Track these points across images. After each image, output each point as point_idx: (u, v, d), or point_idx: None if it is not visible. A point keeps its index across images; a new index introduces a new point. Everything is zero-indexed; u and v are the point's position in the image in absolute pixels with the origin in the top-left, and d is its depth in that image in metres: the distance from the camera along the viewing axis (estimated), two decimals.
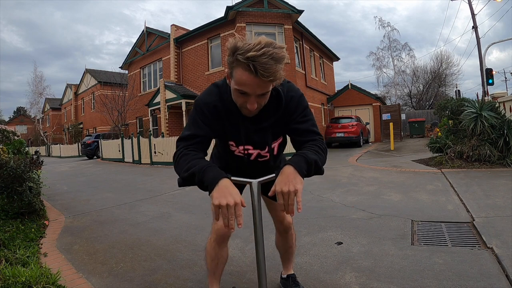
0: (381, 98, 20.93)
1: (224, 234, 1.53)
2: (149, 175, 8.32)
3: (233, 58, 1.08)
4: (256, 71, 1.03)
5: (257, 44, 1.04)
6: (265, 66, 1.02)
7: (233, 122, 1.31)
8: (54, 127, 33.00)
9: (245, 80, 1.07)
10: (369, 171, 6.46)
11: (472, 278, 1.92)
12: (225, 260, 1.65)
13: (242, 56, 1.03)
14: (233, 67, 1.10)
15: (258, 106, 1.18)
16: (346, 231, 2.94)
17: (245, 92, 1.11)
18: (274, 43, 1.06)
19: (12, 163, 3.44)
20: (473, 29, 15.11)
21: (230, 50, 1.08)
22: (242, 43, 1.06)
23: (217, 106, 1.28)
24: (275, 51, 1.04)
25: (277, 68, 1.04)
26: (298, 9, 12.85)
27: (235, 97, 1.20)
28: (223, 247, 1.59)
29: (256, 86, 1.09)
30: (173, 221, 3.67)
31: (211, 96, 1.29)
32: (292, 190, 1.05)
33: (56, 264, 2.47)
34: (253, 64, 1.02)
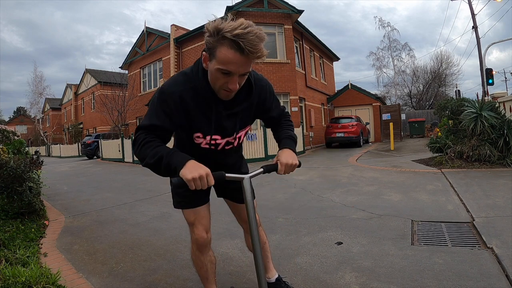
0: (381, 98, 20.93)
1: (203, 242, 1.52)
2: (149, 175, 8.32)
3: (216, 38, 1.08)
4: (243, 48, 1.05)
5: (241, 24, 1.06)
6: (252, 43, 1.05)
7: (203, 109, 1.29)
8: (54, 127, 33.01)
9: (231, 58, 1.08)
10: (369, 171, 6.46)
11: (472, 278, 1.92)
12: (213, 265, 1.64)
13: (230, 34, 1.04)
14: (215, 46, 1.10)
15: (238, 87, 1.19)
16: (346, 231, 2.94)
17: (229, 71, 1.12)
18: (253, 24, 1.09)
19: (12, 163, 3.44)
20: (473, 29, 15.11)
21: (212, 30, 1.08)
22: (224, 23, 1.07)
23: (182, 96, 1.25)
24: (258, 30, 1.07)
25: (262, 46, 1.08)
26: (298, 9, 12.84)
27: (214, 79, 1.19)
28: (206, 253, 1.57)
29: (241, 64, 1.10)
30: (173, 221, 3.67)
31: (176, 86, 1.26)
32: (295, 163, 1.36)
33: (56, 264, 2.47)
34: (242, 41, 1.04)
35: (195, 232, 1.51)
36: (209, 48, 1.13)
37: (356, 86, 18.13)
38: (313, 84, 16.00)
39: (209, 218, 1.57)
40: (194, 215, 1.52)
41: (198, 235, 1.51)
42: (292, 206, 4.01)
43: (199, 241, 1.52)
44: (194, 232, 1.52)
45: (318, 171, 6.90)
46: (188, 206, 1.51)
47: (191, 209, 1.51)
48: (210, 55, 1.15)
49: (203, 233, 1.51)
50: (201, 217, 1.52)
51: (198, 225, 1.51)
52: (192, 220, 1.52)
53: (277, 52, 12.93)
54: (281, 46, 12.98)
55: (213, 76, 1.18)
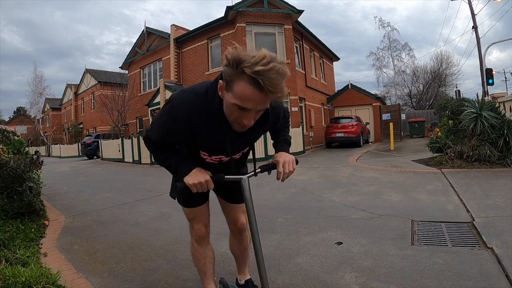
0: (381, 98, 20.92)
1: (202, 234, 1.62)
2: (149, 175, 8.32)
3: (236, 71, 1.01)
4: (263, 86, 0.99)
5: (263, 58, 0.99)
6: (274, 82, 0.99)
7: (213, 134, 1.25)
8: (54, 127, 32.99)
9: (249, 95, 1.02)
10: (369, 171, 6.46)
11: (472, 278, 1.92)
12: (212, 259, 1.70)
13: (249, 70, 0.98)
14: (233, 79, 1.04)
15: (253, 122, 1.15)
16: (346, 231, 2.94)
17: (245, 107, 1.06)
18: (277, 57, 1.03)
19: (12, 163, 3.44)
20: (473, 29, 15.11)
21: (231, 61, 1.02)
22: (245, 55, 1.00)
23: (193, 117, 1.20)
24: (281, 66, 1.01)
25: (283, 84, 1.02)
26: (298, 9, 12.84)
27: (229, 111, 1.14)
28: (205, 245, 1.66)
29: (259, 102, 1.05)
30: (173, 221, 3.67)
31: (189, 104, 1.20)
32: (292, 160, 1.38)
33: (56, 264, 2.47)
34: (261, 79, 0.98)
35: (194, 226, 1.63)
36: (226, 79, 1.07)
37: (356, 86, 18.13)
38: (313, 84, 16.00)
39: (208, 215, 1.66)
40: (194, 213, 1.61)
41: (196, 228, 1.61)
42: (292, 206, 4.01)
43: (198, 233, 1.61)
44: (193, 226, 1.62)
45: (318, 171, 6.90)
46: (190, 206, 1.60)
47: (190, 208, 1.61)
48: (227, 86, 1.08)
49: (202, 226, 1.61)
50: (200, 214, 1.61)
51: (197, 220, 1.61)
52: (192, 217, 1.62)
53: (277, 52, 12.91)
54: (281, 46, 12.98)
55: (228, 108, 1.13)
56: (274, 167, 1.40)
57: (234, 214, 1.70)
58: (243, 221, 1.71)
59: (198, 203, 1.59)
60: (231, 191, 1.65)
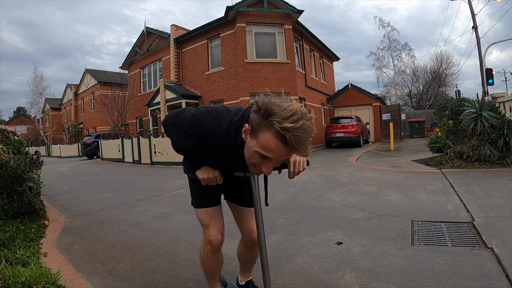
0: (381, 98, 20.92)
1: (218, 244, 1.56)
2: (149, 175, 8.32)
3: (265, 121, 1.03)
4: (289, 142, 1.00)
5: (294, 114, 1.01)
6: (300, 140, 1.01)
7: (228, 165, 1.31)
8: (54, 127, 32.99)
9: (274, 147, 1.04)
10: (369, 171, 6.46)
11: (472, 278, 1.92)
12: (221, 264, 1.70)
13: (279, 125, 0.99)
14: (260, 129, 1.05)
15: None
16: (346, 231, 2.94)
17: (267, 156, 1.08)
18: (306, 113, 1.04)
19: (12, 163, 3.44)
20: (473, 29, 15.11)
21: (262, 111, 1.03)
22: (277, 108, 1.01)
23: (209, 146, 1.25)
24: (309, 124, 1.03)
25: (308, 142, 1.04)
26: (298, 9, 12.84)
27: (249, 156, 1.14)
28: (218, 254, 1.62)
29: (282, 154, 1.06)
30: (173, 221, 3.67)
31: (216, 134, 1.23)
32: (303, 160, 1.36)
33: (56, 264, 2.47)
34: (288, 135, 0.99)
35: (210, 233, 1.54)
36: (253, 126, 1.08)
37: (356, 86, 18.12)
38: (313, 84, 16.00)
39: (222, 220, 1.61)
40: (209, 217, 1.55)
41: (213, 237, 1.54)
42: (292, 206, 4.01)
43: (214, 243, 1.54)
44: (209, 234, 1.55)
45: (318, 171, 6.90)
46: (203, 205, 1.57)
47: (206, 209, 1.56)
48: (252, 133, 1.09)
49: (218, 235, 1.55)
50: (216, 219, 1.56)
51: (213, 227, 1.55)
52: (207, 222, 1.56)
53: (277, 52, 12.93)
54: (281, 46, 12.98)
55: (250, 153, 1.13)
56: (284, 166, 1.39)
57: (248, 223, 1.64)
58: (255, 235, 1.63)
59: (213, 202, 1.57)
60: (242, 194, 1.59)
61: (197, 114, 1.29)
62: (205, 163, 1.41)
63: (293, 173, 1.35)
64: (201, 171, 1.38)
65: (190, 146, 1.31)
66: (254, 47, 12.76)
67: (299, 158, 1.38)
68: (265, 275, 1.29)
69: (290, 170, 1.36)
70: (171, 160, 10.53)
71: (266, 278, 1.30)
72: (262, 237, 1.30)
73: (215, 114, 1.27)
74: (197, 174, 1.37)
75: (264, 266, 1.29)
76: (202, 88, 14.40)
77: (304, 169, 1.38)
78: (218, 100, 13.56)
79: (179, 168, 9.75)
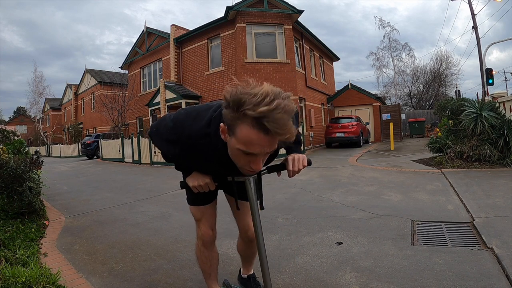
0: (381, 98, 20.91)
1: (209, 238, 1.59)
2: (149, 175, 8.32)
3: (237, 114, 0.92)
4: (269, 129, 0.89)
5: (266, 97, 0.89)
6: (280, 123, 0.89)
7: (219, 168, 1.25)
8: (54, 127, 32.99)
9: (254, 139, 0.93)
10: (369, 171, 6.46)
11: (472, 278, 1.92)
12: (217, 261, 1.71)
13: (252, 112, 0.88)
14: (235, 123, 0.94)
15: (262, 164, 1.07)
16: (346, 231, 2.94)
17: (252, 152, 0.97)
18: (281, 92, 0.93)
19: (12, 163, 3.44)
20: (473, 29, 15.10)
21: (231, 103, 0.92)
22: (246, 95, 0.90)
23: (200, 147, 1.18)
24: (286, 102, 0.91)
25: (291, 124, 0.92)
26: (298, 9, 12.84)
27: (234, 157, 1.05)
28: (211, 249, 1.64)
29: (266, 145, 0.95)
30: (173, 221, 3.67)
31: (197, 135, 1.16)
32: (302, 157, 1.34)
33: (56, 264, 2.47)
34: (266, 121, 0.88)
35: (201, 228, 1.58)
36: (228, 123, 0.97)
37: (356, 86, 18.12)
38: (313, 84, 16.00)
39: (215, 216, 1.63)
40: (201, 213, 1.58)
41: (203, 231, 1.58)
42: (292, 206, 4.00)
43: (205, 237, 1.59)
44: (200, 228, 1.59)
45: (318, 171, 6.90)
46: (196, 204, 1.57)
47: (198, 207, 1.57)
48: (229, 130, 0.99)
49: (209, 230, 1.58)
50: (207, 214, 1.58)
51: (204, 222, 1.58)
52: (199, 217, 1.59)
53: (277, 52, 12.93)
54: (281, 46, 12.98)
55: (234, 153, 1.04)
56: (283, 167, 1.34)
57: (244, 219, 1.62)
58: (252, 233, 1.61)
59: (205, 201, 1.56)
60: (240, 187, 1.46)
61: (176, 118, 1.23)
62: (195, 169, 1.34)
63: (293, 171, 1.30)
64: (191, 178, 1.33)
65: (176, 153, 1.25)
66: (254, 47, 12.76)
67: (298, 156, 1.34)
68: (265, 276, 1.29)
69: (289, 169, 1.31)
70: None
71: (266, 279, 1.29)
72: (260, 239, 1.29)
73: (194, 115, 1.20)
74: (187, 181, 1.33)
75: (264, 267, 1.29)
76: (202, 88, 14.40)
77: (304, 167, 1.34)
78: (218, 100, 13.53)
79: None
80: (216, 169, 1.28)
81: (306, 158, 1.36)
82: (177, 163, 1.44)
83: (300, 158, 1.33)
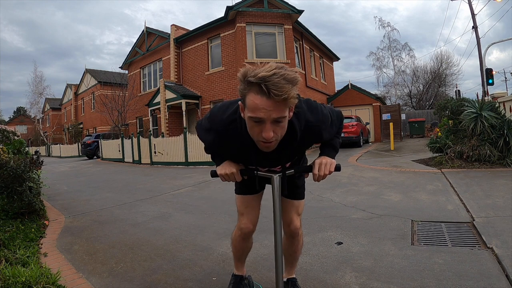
0: (381, 98, 20.92)
1: (248, 232, 1.64)
2: (149, 175, 8.32)
3: (244, 84, 1.07)
4: (268, 91, 1.01)
5: (268, 67, 1.04)
6: (277, 85, 1.01)
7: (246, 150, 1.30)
8: (54, 127, 33.00)
9: (258, 103, 1.05)
10: (369, 171, 6.46)
11: (472, 278, 1.92)
12: (249, 250, 1.80)
13: (253, 78, 1.03)
14: (245, 94, 1.09)
15: (275, 136, 1.13)
16: (346, 231, 2.94)
17: (260, 118, 1.08)
18: (284, 66, 1.06)
19: (12, 163, 3.44)
20: (473, 29, 15.10)
21: (240, 77, 1.08)
22: (251, 69, 1.07)
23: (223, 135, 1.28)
24: (287, 72, 1.04)
25: (289, 88, 1.03)
26: (298, 9, 12.85)
27: (250, 130, 1.17)
28: (247, 240, 1.70)
29: (270, 109, 1.05)
30: (173, 221, 3.67)
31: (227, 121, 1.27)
32: (330, 162, 1.35)
33: (56, 264, 2.47)
34: (265, 84, 1.01)
35: (242, 221, 1.63)
36: (242, 97, 1.13)
37: (356, 86, 18.13)
38: (313, 84, 16.00)
39: (258, 211, 1.67)
40: (244, 205, 1.64)
41: (244, 225, 1.62)
42: None
43: (244, 231, 1.63)
44: (241, 221, 1.64)
45: None
46: (241, 192, 1.64)
47: (243, 196, 1.64)
48: (243, 104, 1.13)
49: (249, 224, 1.62)
50: (250, 208, 1.63)
51: (246, 216, 1.63)
52: (242, 210, 1.65)
53: (277, 52, 12.93)
54: (281, 46, 12.98)
55: (249, 126, 1.16)
56: (309, 169, 1.38)
57: (288, 214, 1.65)
58: (297, 225, 1.65)
59: (250, 191, 1.61)
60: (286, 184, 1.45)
61: (212, 110, 1.37)
62: (227, 158, 1.43)
63: (318, 175, 1.33)
64: (220, 166, 1.40)
65: (210, 141, 1.35)
66: (254, 47, 12.76)
67: (326, 160, 1.35)
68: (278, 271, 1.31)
69: (315, 173, 1.34)
70: (171, 160, 10.53)
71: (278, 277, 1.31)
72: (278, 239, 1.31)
73: (227, 105, 1.32)
74: (217, 169, 1.40)
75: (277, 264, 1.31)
76: (202, 88, 14.40)
77: (331, 172, 1.34)
78: (218, 100, 13.56)
79: (179, 168, 9.77)
80: (245, 156, 1.35)
81: (335, 164, 1.36)
82: (212, 153, 1.49)
83: (328, 162, 1.35)
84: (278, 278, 1.30)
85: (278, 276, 1.30)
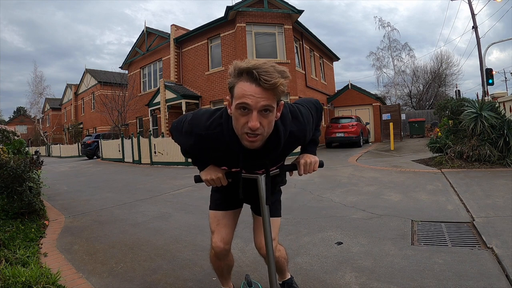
0: (381, 98, 20.92)
1: (219, 251, 1.56)
2: (149, 175, 8.32)
3: (234, 75, 1.10)
4: (259, 76, 1.04)
5: (260, 60, 1.10)
6: (268, 72, 1.04)
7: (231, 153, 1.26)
8: (54, 127, 32.99)
9: (247, 90, 1.06)
10: (369, 171, 6.46)
11: (472, 278, 1.92)
12: (230, 266, 1.72)
13: (245, 65, 1.06)
14: (234, 83, 1.10)
15: (261, 129, 1.10)
16: (346, 231, 2.94)
17: (247, 104, 1.06)
18: (275, 64, 1.11)
19: (12, 163, 3.44)
20: (473, 29, 15.10)
21: (231, 69, 1.11)
22: (243, 61, 1.11)
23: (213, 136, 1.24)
24: (278, 66, 1.10)
25: (279, 77, 1.06)
26: (298, 9, 12.84)
27: (235, 122, 1.14)
28: (223, 260, 1.62)
29: (258, 96, 1.06)
30: (173, 221, 3.67)
31: (212, 124, 1.24)
32: (314, 161, 1.39)
33: (56, 264, 2.47)
34: (256, 70, 1.04)
35: (213, 240, 1.57)
36: (230, 90, 1.14)
37: (356, 86, 18.13)
38: (313, 84, 16.00)
39: (230, 229, 1.60)
40: (216, 222, 1.58)
41: (214, 244, 1.56)
42: (292, 206, 4.00)
43: (216, 250, 1.57)
44: (212, 240, 1.58)
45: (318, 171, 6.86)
46: (214, 208, 1.62)
47: (215, 212, 1.60)
48: (231, 97, 1.14)
49: (220, 243, 1.55)
50: (222, 226, 1.57)
51: (217, 234, 1.57)
52: (213, 228, 1.59)
53: (277, 52, 12.93)
54: (281, 46, 12.98)
55: (235, 118, 1.13)
56: (294, 168, 1.40)
57: (257, 235, 1.59)
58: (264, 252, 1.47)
59: (223, 207, 1.59)
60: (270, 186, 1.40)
61: (195, 113, 1.34)
62: (210, 162, 1.40)
63: (304, 174, 1.39)
64: (204, 172, 1.38)
65: (191, 144, 1.31)
66: (254, 47, 12.76)
67: (310, 159, 1.37)
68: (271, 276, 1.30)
69: (300, 173, 1.39)
70: (171, 160, 10.53)
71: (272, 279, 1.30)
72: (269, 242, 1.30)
73: (212, 111, 1.31)
74: (201, 175, 1.38)
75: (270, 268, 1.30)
76: (202, 88, 14.40)
77: (315, 171, 1.38)
78: (218, 100, 13.56)
79: (179, 168, 9.76)
80: (229, 159, 1.32)
81: (318, 161, 1.40)
82: (193, 157, 1.46)
83: (312, 162, 1.38)
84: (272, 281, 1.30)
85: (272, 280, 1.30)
